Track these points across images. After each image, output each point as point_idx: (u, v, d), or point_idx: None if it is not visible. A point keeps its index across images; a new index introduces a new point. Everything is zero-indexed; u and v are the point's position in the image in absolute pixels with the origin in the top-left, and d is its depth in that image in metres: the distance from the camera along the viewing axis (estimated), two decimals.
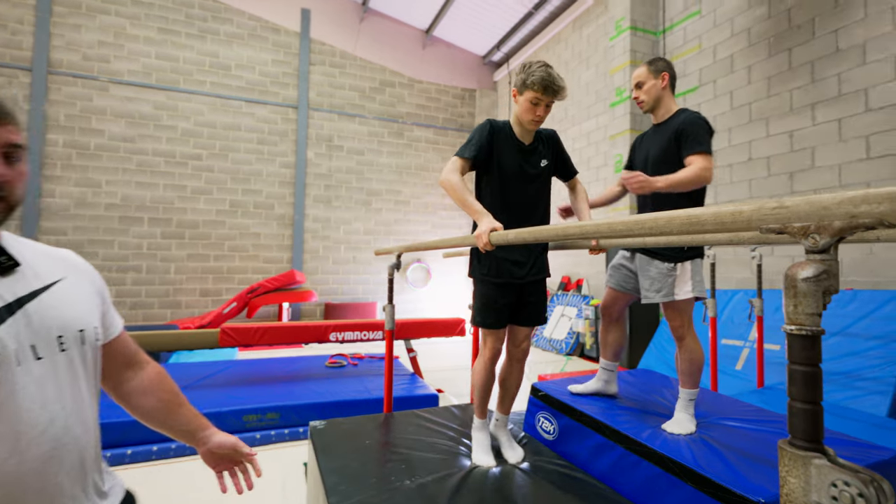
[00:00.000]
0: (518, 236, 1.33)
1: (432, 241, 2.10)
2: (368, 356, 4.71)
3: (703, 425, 1.80)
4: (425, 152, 8.49)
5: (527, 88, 1.74)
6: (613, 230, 0.98)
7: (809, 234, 0.63)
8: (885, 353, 3.03)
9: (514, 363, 1.96)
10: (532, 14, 7.07)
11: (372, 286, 8.01)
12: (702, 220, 0.78)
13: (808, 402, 0.60)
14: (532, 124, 1.79)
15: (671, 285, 1.87)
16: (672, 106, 1.99)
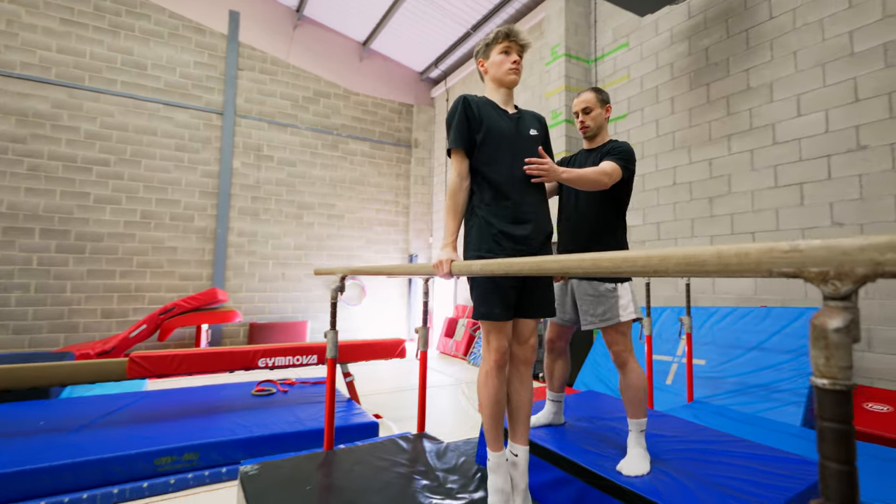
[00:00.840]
0: (485, 268, 1.24)
1: (385, 266, 1.96)
2: (300, 381, 4.40)
3: (659, 451, 1.79)
4: (361, 166, 8.28)
5: (493, 44, 1.71)
6: (599, 267, 0.91)
7: (829, 281, 0.59)
8: (797, 367, 3.29)
9: (522, 368, 1.65)
10: (470, 34, 7.18)
11: (303, 304, 7.59)
12: (702, 259, 0.73)
13: (844, 462, 0.55)
14: (511, 74, 1.69)
15: (614, 307, 1.87)
16: (607, 135, 2.10)
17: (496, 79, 1.72)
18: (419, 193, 8.72)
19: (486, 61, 1.73)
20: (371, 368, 5.84)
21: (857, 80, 3.30)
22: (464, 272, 1.35)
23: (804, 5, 3.59)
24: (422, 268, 1.60)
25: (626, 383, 1.85)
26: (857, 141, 3.30)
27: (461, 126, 1.63)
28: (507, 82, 1.71)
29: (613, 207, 1.93)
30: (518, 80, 1.73)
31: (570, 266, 0.97)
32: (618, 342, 1.88)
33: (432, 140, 8.95)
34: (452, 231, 1.56)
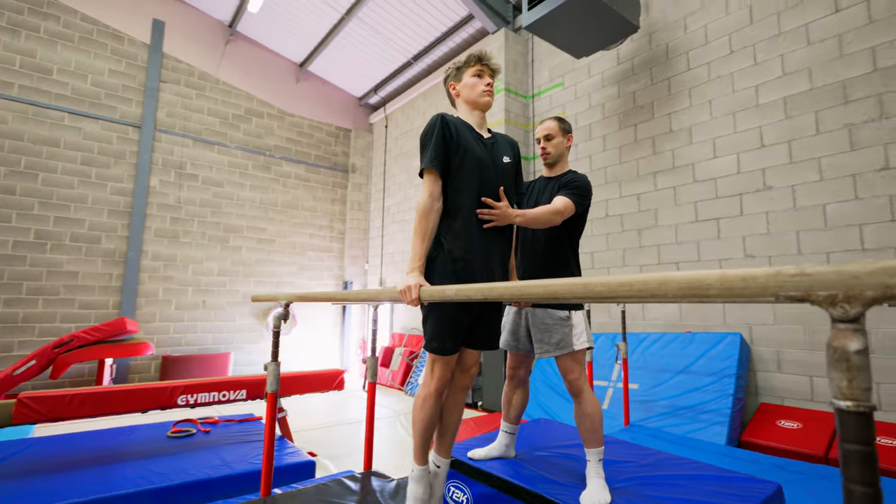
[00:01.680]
0: (460, 293, 1.18)
1: (339, 292, 1.82)
2: (223, 419, 3.99)
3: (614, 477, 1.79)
4: (295, 189, 7.97)
5: (465, 67, 1.72)
6: (591, 291, 0.89)
7: (838, 304, 0.60)
8: (720, 388, 3.52)
9: (460, 393, 1.74)
10: (411, 63, 7.30)
11: (225, 335, 7.02)
12: (705, 284, 0.72)
13: (869, 484, 0.55)
14: (485, 97, 1.70)
15: (569, 335, 1.88)
16: (566, 164, 2.16)
17: (470, 101, 1.72)
18: (355, 219, 8.54)
19: (458, 84, 1.74)
20: (301, 402, 5.47)
21: (763, 129, 3.72)
22: (436, 298, 1.28)
23: (717, 60, 4.03)
24: (383, 293, 1.50)
25: (582, 412, 1.85)
26: (763, 182, 3.69)
27: (438, 146, 1.59)
28: (482, 104, 1.72)
29: (567, 238, 1.96)
30: (492, 102, 1.76)
31: (560, 291, 0.94)
32: (573, 370, 1.87)
33: (370, 166, 8.87)
34: (421, 255, 1.49)
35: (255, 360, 7.21)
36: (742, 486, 1.62)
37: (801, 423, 3.30)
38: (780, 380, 3.55)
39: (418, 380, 6.20)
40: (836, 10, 3.42)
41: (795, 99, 3.57)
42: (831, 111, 3.40)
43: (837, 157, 3.36)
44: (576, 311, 1.90)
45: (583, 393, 1.86)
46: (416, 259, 1.48)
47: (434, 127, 1.61)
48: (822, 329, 3.35)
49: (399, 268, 7.62)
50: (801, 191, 3.51)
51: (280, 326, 2.16)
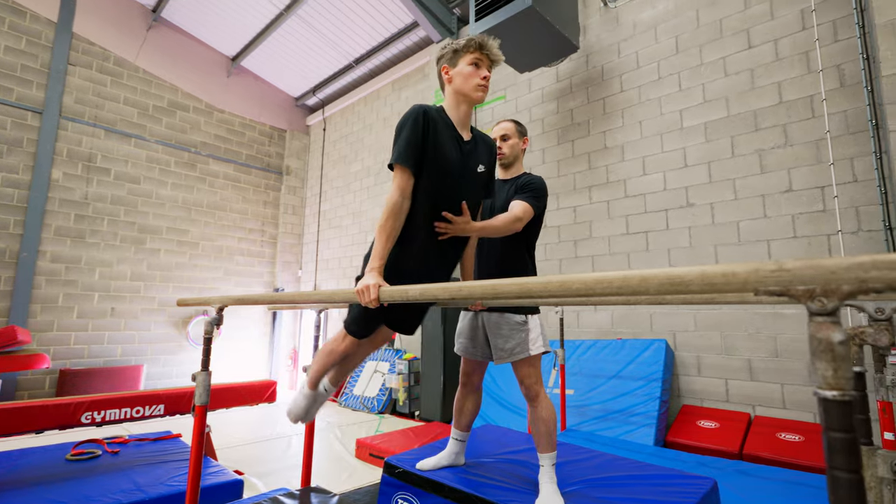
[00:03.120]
0: (425, 293, 1.12)
1: (284, 293, 1.69)
2: (134, 439, 3.60)
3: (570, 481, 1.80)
4: (223, 189, 7.48)
5: (463, 52, 1.55)
6: (567, 289, 0.87)
7: (816, 298, 0.62)
8: (648, 392, 3.72)
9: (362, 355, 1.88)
10: (353, 67, 7.15)
11: (138, 346, 6.39)
12: (686, 280, 0.73)
13: (854, 470, 0.57)
14: (480, 91, 1.55)
15: (525, 341, 1.88)
16: (521, 167, 2.17)
17: (462, 92, 1.56)
18: (289, 224, 8.16)
19: (452, 69, 1.57)
20: (224, 416, 5.08)
21: (686, 150, 4.03)
22: (397, 299, 1.21)
23: (647, 84, 4.32)
24: (337, 295, 1.40)
25: (537, 416, 1.84)
26: (686, 199, 3.99)
27: (413, 141, 1.46)
28: (475, 98, 1.57)
29: (524, 241, 1.97)
30: (485, 97, 1.61)
31: (535, 290, 0.92)
32: (529, 375, 1.87)
33: (306, 168, 8.54)
34: (383, 255, 1.40)
35: (171, 372, 6.62)
36: (683, 483, 1.70)
37: (718, 422, 3.56)
38: (700, 383, 3.81)
39: (353, 390, 6.00)
40: (749, 46, 3.80)
41: (714, 124, 3.91)
42: (744, 137, 3.76)
43: (749, 178, 3.71)
44: (532, 316, 1.91)
45: (539, 398, 1.86)
46: (376, 258, 1.39)
47: (413, 120, 1.47)
48: (735, 335, 3.65)
49: (335, 275, 7.37)
50: (718, 208, 3.83)
51: (212, 333, 1.97)
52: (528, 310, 1.89)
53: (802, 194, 3.47)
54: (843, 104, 3.36)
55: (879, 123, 3.19)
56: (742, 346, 3.63)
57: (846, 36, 3.39)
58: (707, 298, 1.54)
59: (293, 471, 3.63)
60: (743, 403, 3.60)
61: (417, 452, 2.10)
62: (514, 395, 4.33)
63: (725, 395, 3.69)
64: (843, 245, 3.29)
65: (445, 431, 4.23)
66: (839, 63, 3.40)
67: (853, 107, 3.32)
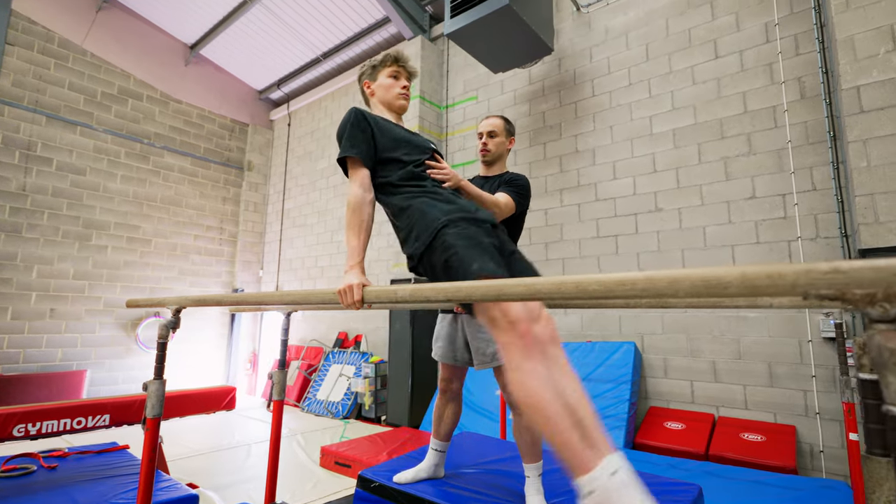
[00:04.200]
0: (416, 293, 1.02)
1: (250, 294, 1.54)
2: (75, 452, 3.30)
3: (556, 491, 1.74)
4: (178, 184, 7.07)
5: (381, 67, 1.65)
6: (582, 291, 0.79)
7: (877, 303, 0.57)
8: (618, 394, 3.74)
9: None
10: (320, 61, 6.93)
11: (81, 349, 5.92)
12: (723, 282, 0.66)
13: None
14: (401, 99, 1.63)
15: None
16: (505, 165, 2.13)
17: (385, 102, 1.64)
18: (250, 221, 7.82)
19: (373, 83, 1.67)
20: (176, 425, 4.77)
21: (655, 155, 4.10)
22: (384, 299, 1.10)
23: (618, 90, 4.37)
24: (314, 296, 1.28)
25: (523, 425, 1.77)
26: (655, 204, 4.06)
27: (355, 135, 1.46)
28: (397, 107, 1.65)
29: None
30: (407, 106, 1.69)
31: (545, 290, 0.84)
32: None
33: (269, 164, 8.22)
34: (359, 251, 1.30)
35: (118, 378, 6.18)
36: (670, 491, 1.67)
37: (684, 423, 3.62)
38: (667, 385, 3.87)
39: (316, 395, 5.78)
40: (716, 56, 3.90)
41: (682, 131, 3.99)
42: (711, 145, 3.86)
43: (715, 185, 3.80)
44: None
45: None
46: (353, 255, 1.29)
47: (354, 117, 1.49)
48: (701, 338, 3.73)
49: (299, 275, 7.11)
50: (686, 213, 3.91)
51: (168, 336, 1.79)
52: None
53: (765, 201, 3.59)
54: (803, 115, 3.50)
55: (837, 135, 3.34)
56: (707, 349, 3.71)
57: (807, 50, 3.53)
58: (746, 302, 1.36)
59: (253, 483, 3.43)
60: (707, 404, 3.68)
61: (393, 464, 1.98)
62: (487, 400, 4.27)
63: (691, 397, 3.76)
64: (802, 251, 3.41)
65: (414, 437, 4.12)
66: (800, 76, 3.54)
67: (813, 118, 3.46)
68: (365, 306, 1.17)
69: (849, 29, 3.00)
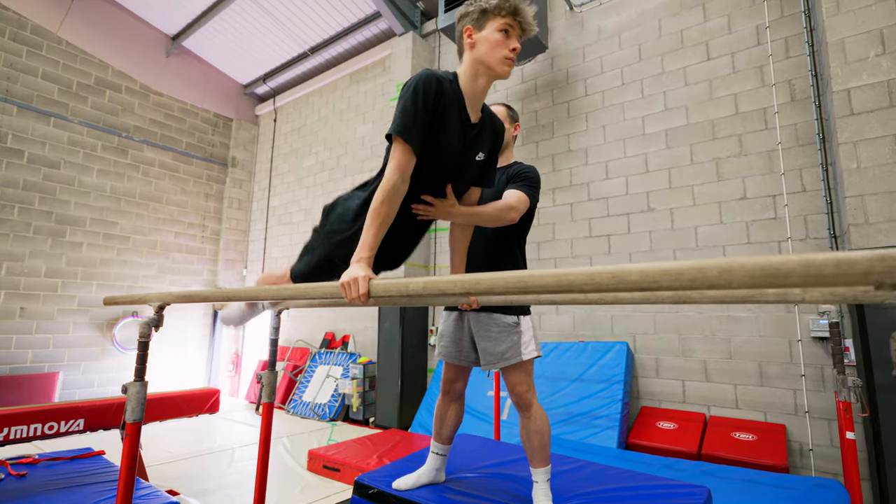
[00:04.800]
0: (430, 285, 0.95)
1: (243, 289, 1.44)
2: (46, 458, 3.14)
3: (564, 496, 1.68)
4: (158, 179, 6.84)
5: (494, 14, 1.30)
6: (622, 281, 0.74)
7: None
8: (610, 394, 3.72)
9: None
10: (308, 56, 6.79)
11: (53, 351, 5.68)
12: (783, 270, 0.61)
13: None
14: (506, 64, 1.31)
15: (517, 344, 1.75)
16: (512, 155, 2.04)
17: (485, 63, 1.32)
18: (234, 219, 7.62)
19: (477, 33, 1.33)
20: (154, 428, 4.60)
21: (648, 156, 4.10)
22: (393, 293, 1.03)
23: (610, 90, 4.37)
24: (314, 290, 1.19)
25: (530, 428, 1.71)
26: (647, 203, 4.06)
27: (422, 114, 1.23)
28: (499, 72, 1.33)
29: (514, 234, 1.84)
30: (510, 73, 1.36)
31: (577, 281, 0.78)
32: (522, 382, 1.73)
33: (254, 161, 8.02)
34: (373, 244, 1.19)
35: (93, 380, 5.94)
36: (681, 494, 1.63)
37: (676, 423, 3.61)
38: (658, 384, 3.87)
39: (302, 397, 5.64)
40: (708, 58, 3.92)
41: (675, 132, 4.00)
42: (703, 145, 3.87)
43: (707, 185, 3.82)
44: (524, 317, 1.78)
45: (532, 407, 1.73)
46: (365, 248, 1.18)
47: (425, 87, 1.24)
48: (692, 337, 3.74)
49: None
50: (678, 213, 3.92)
51: (149, 336, 1.68)
52: (519, 310, 1.76)
53: (756, 202, 3.61)
54: (793, 117, 3.53)
55: (826, 137, 3.37)
56: (698, 349, 3.71)
57: (797, 53, 3.56)
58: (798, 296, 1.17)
59: (237, 488, 3.30)
60: (698, 404, 3.69)
61: (391, 469, 1.90)
62: (478, 400, 4.22)
63: (682, 396, 3.76)
64: (792, 252, 3.43)
65: (405, 439, 4.04)
66: (790, 78, 3.57)
67: (803, 120, 3.49)
68: (371, 301, 1.09)
69: (840, 32, 3.04)
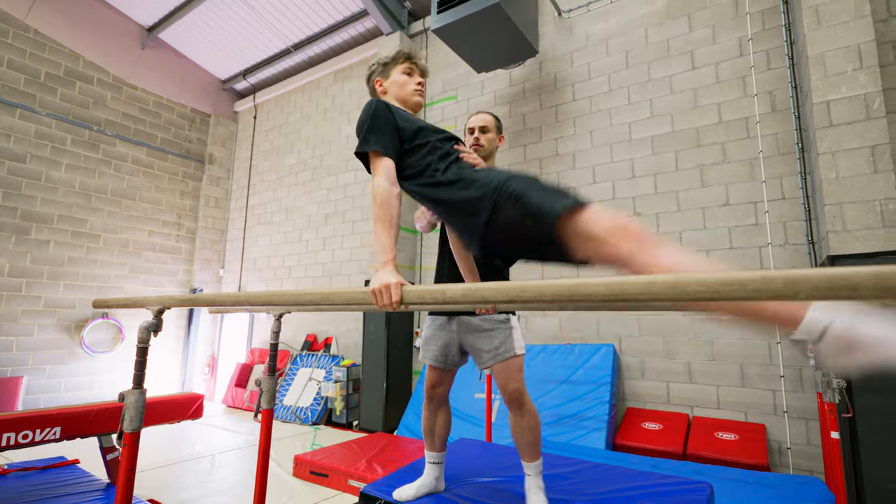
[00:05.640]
0: (469, 294, 0.93)
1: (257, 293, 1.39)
2: (17, 468, 2.98)
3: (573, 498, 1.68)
4: (132, 175, 6.58)
5: (393, 64, 1.61)
6: (681, 292, 0.74)
7: None
8: (598, 396, 3.77)
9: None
10: (291, 52, 6.66)
11: (16, 354, 5.39)
12: (853, 283, 0.62)
13: None
14: (416, 96, 1.59)
15: (509, 339, 1.78)
16: (495, 163, 2.14)
17: (401, 99, 1.59)
18: (211, 217, 7.40)
19: (385, 81, 1.62)
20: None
21: (634, 161, 4.18)
22: (428, 300, 1.00)
23: (598, 95, 4.43)
24: (336, 296, 1.15)
25: (523, 424, 1.73)
26: (634, 208, 4.13)
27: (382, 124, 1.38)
28: (412, 104, 1.60)
29: None
30: (423, 103, 1.66)
31: (631, 291, 0.78)
32: (515, 379, 1.75)
33: (232, 158, 7.81)
34: (390, 246, 1.20)
35: (59, 385, 5.67)
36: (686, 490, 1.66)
37: (661, 424, 3.69)
38: (643, 386, 3.95)
39: (283, 400, 5.52)
40: (693, 67, 4.03)
41: (660, 138, 4.09)
42: (687, 152, 3.97)
43: (691, 192, 3.92)
44: (513, 314, 1.82)
45: (524, 404, 1.75)
46: (386, 251, 1.18)
47: (375, 108, 1.42)
48: (676, 340, 3.82)
49: (265, 275, 6.79)
50: (663, 218, 4.01)
51: (148, 341, 1.61)
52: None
53: (738, 208, 3.72)
54: (774, 127, 3.66)
55: (805, 147, 3.51)
56: (682, 351, 3.80)
57: (778, 65, 3.70)
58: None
59: (221, 496, 3.21)
60: (682, 405, 3.77)
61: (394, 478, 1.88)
62: (463, 401, 4.21)
63: (667, 398, 3.84)
64: (772, 257, 3.56)
65: (391, 442, 4.00)
66: (771, 89, 3.70)
67: (783, 130, 3.62)
68: (402, 307, 1.07)
69: (820, 47, 3.16)
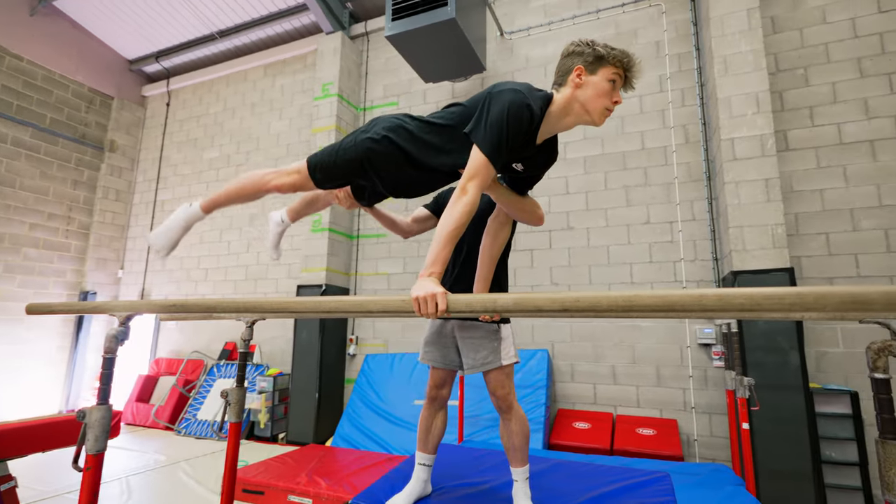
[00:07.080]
0: (520, 303, 0.98)
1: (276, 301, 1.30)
2: None
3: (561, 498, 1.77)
4: (13, 159, 5.65)
5: (608, 62, 1.30)
6: (728, 304, 0.85)
7: None
8: (535, 399, 3.98)
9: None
10: (215, 38, 6.19)
11: None
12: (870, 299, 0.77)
13: None
14: (604, 116, 1.34)
15: (498, 349, 1.85)
16: None
17: (585, 108, 1.34)
18: (110, 212, 6.57)
19: (587, 76, 1.33)
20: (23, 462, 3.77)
21: (568, 179, 4.50)
22: (478, 309, 1.03)
23: None
24: (371, 304, 1.13)
25: (511, 430, 1.80)
26: (567, 222, 4.45)
27: (511, 142, 1.27)
28: (593, 121, 1.38)
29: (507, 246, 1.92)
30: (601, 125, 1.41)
31: (679, 302, 0.88)
32: (503, 386, 1.82)
33: (138, 147, 7.02)
34: (444, 261, 1.18)
35: None
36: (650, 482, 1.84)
37: (590, 423, 3.99)
38: (573, 388, 4.24)
39: (197, 415, 5.06)
40: None
41: (592, 159, 4.46)
42: (615, 174, 4.37)
43: (618, 209, 4.31)
44: (504, 324, 1.88)
45: (512, 410, 1.82)
46: (437, 262, 1.15)
47: (521, 119, 1.27)
48: (604, 344, 4.17)
49: (175, 277, 6.17)
50: (593, 233, 4.36)
51: (115, 351, 1.43)
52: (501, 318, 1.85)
53: (657, 226, 4.17)
54: (687, 157, 4.17)
55: (711, 175, 4.04)
56: (608, 354, 4.15)
57: (690, 103, 4.22)
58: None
59: None
60: (607, 404, 4.11)
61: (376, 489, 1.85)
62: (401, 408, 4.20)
63: (593, 398, 4.16)
64: (684, 271, 4.04)
65: (328, 454, 3.86)
66: (685, 123, 4.22)
67: (693, 160, 4.14)
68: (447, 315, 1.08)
69: (727, 91, 3.68)
